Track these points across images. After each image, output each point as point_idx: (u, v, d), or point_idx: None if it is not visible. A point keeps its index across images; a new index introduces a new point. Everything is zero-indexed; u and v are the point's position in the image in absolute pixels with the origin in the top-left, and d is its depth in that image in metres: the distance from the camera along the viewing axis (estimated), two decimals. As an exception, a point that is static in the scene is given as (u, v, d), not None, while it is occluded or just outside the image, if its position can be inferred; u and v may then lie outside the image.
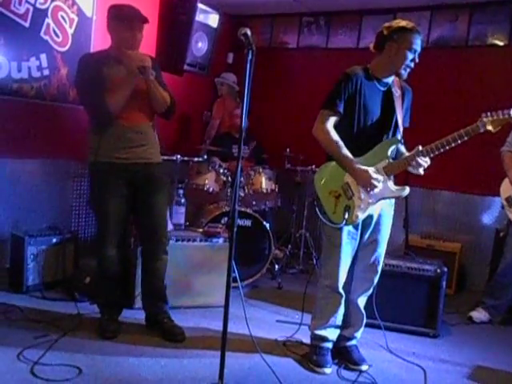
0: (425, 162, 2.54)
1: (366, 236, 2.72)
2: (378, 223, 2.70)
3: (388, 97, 2.66)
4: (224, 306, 2.22)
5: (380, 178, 2.54)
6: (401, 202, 3.55)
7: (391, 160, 2.61)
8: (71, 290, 3.45)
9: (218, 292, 3.22)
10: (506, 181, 3.63)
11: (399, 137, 2.67)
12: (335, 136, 2.57)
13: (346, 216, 2.55)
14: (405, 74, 2.61)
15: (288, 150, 4.70)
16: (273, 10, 5.49)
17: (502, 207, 3.70)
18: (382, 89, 2.66)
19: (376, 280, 2.81)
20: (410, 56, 2.55)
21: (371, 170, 2.55)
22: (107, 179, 2.82)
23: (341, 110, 2.57)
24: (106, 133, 2.79)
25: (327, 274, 2.73)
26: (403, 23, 2.58)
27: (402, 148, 2.72)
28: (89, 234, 4.37)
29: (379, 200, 2.61)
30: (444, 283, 3.31)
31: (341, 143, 2.57)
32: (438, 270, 3.31)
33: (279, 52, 5.64)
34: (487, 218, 4.59)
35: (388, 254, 3.67)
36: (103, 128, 2.79)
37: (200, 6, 4.63)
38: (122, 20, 2.81)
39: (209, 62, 4.97)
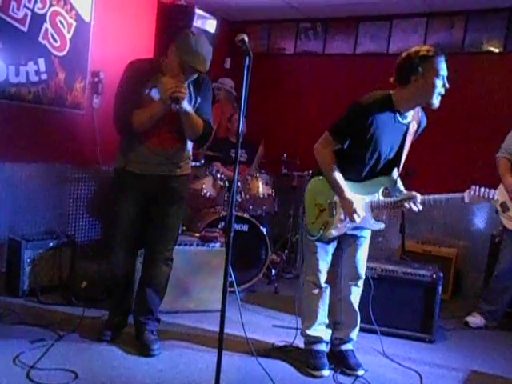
0: (418, 208, 2.61)
1: (349, 232, 2.74)
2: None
3: (404, 133, 2.61)
4: (221, 311, 2.22)
5: (362, 213, 2.62)
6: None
7: (381, 197, 2.69)
8: (68, 295, 3.44)
9: (215, 296, 3.22)
10: (501, 186, 3.65)
11: (396, 174, 2.68)
12: (332, 162, 2.62)
13: (321, 232, 2.69)
14: (437, 103, 2.49)
15: (285, 155, 4.72)
16: (270, 16, 5.52)
17: (496, 212, 3.72)
18: (403, 122, 2.59)
19: (363, 274, 2.84)
20: (440, 83, 2.44)
21: (358, 203, 2.61)
22: (123, 187, 2.80)
23: (344, 143, 2.57)
24: (131, 148, 2.74)
25: (309, 270, 2.82)
26: (423, 51, 2.44)
27: (396, 187, 2.74)
28: (86, 239, 4.37)
29: (355, 228, 2.71)
30: (440, 288, 3.32)
31: (336, 170, 2.60)
32: (434, 276, 3.32)
33: (276, 58, 5.66)
34: (483, 224, 4.62)
35: (384, 259, 3.71)
36: (129, 143, 2.74)
37: (198, 11, 4.67)
38: (180, 58, 2.58)
39: (206, 68, 4.99)
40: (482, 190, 2.62)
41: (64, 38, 3.96)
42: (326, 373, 2.74)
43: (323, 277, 2.80)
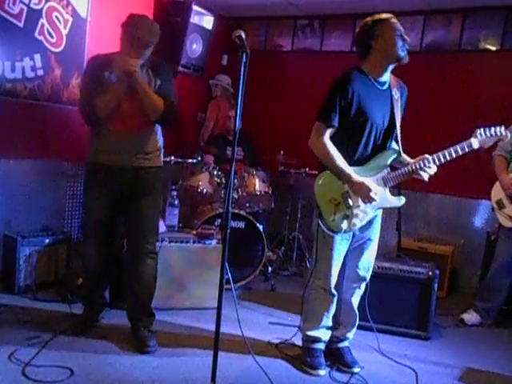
0: (432, 169, 2.59)
1: (359, 234, 2.73)
2: (370, 222, 2.72)
3: (389, 99, 2.63)
4: (217, 308, 2.23)
5: (378, 190, 2.57)
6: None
7: (390, 170, 2.64)
8: (63, 291, 3.43)
9: (211, 293, 3.22)
10: (497, 184, 3.66)
11: (397, 145, 2.68)
12: (332, 149, 2.56)
13: (345, 225, 2.58)
14: (405, 55, 2.55)
15: (282, 152, 4.71)
16: (267, 13, 5.50)
17: (493, 209, 3.73)
18: (382, 88, 2.62)
19: (368, 278, 2.82)
20: (399, 39, 2.54)
21: (369, 182, 2.56)
22: (94, 181, 2.85)
23: (335, 123, 2.55)
24: (99, 137, 2.80)
25: (320, 275, 2.74)
26: (373, 18, 2.60)
27: (402, 157, 2.71)
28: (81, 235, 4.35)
29: (377, 209, 2.65)
30: (436, 286, 3.33)
31: (338, 156, 2.55)
32: (430, 273, 3.33)
33: (273, 55, 5.65)
34: (479, 221, 4.63)
35: (380, 256, 3.70)
36: (97, 132, 2.80)
37: (195, 7, 4.65)
38: (128, 35, 2.70)
39: (203, 64, 4.98)
40: (488, 129, 2.54)
41: (60, 34, 3.93)
42: (323, 372, 2.74)
43: (334, 281, 2.73)
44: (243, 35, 2.15)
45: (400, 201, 2.69)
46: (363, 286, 2.84)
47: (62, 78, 4.00)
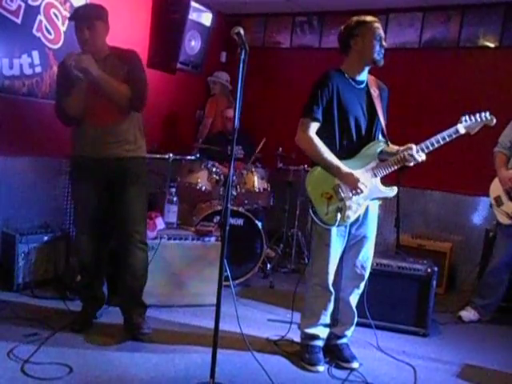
0: (421, 157, 2.60)
1: (354, 232, 2.74)
2: (364, 219, 2.74)
3: (367, 96, 2.70)
4: (216, 305, 2.23)
5: (367, 180, 2.60)
6: (392, 201, 3.57)
7: (379, 161, 2.66)
8: (62, 288, 3.43)
9: (210, 290, 3.21)
10: (496, 181, 3.67)
11: (382, 137, 2.73)
12: (318, 143, 2.61)
13: (338, 217, 2.60)
14: (380, 59, 2.63)
15: (280, 149, 4.71)
16: (266, 10, 5.50)
17: (491, 206, 3.73)
18: (359, 87, 2.69)
19: (366, 277, 2.83)
20: (377, 43, 2.60)
21: (358, 173, 2.59)
22: (79, 173, 2.92)
23: (319, 116, 2.61)
24: (79, 132, 2.88)
25: (317, 272, 2.76)
26: (358, 18, 2.67)
27: (389, 148, 2.74)
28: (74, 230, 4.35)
29: (369, 200, 2.67)
30: (434, 283, 3.34)
31: (325, 149, 2.60)
32: (429, 270, 3.33)
33: (272, 51, 5.64)
34: (477, 218, 4.63)
35: (379, 253, 3.71)
36: (76, 128, 2.89)
37: (193, 4, 4.64)
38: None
39: (202, 61, 4.97)
40: (473, 115, 2.61)
41: (58, 31, 3.92)
42: (321, 368, 2.75)
43: (331, 279, 2.75)
44: (242, 32, 2.15)
45: (392, 191, 2.72)
46: (362, 285, 2.84)
47: (60, 75, 3.98)
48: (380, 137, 2.76)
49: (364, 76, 2.71)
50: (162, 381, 2.47)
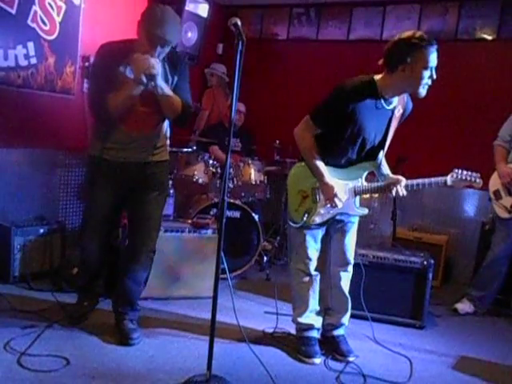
0: (403, 192, 2.60)
1: (339, 217, 2.73)
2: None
3: (389, 118, 2.59)
4: (212, 297, 2.23)
5: (343, 198, 2.61)
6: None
7: (364, 182, 2.68)
8: (58, 281, 3.43)
9: (207, 283, 3.21)
10: (495, 174, 3.66)
11: (380, 158, 2.66)
12: (312, 147, 2.61)
13: (305, 218, 2.66)
14: (423, 92, 2.45)
15: (277, 141, 4.70)
16: (263, 1, 5.46)
17: (490, 200, 3.74)
18: (386, 108, 2.56)
19: (352, 260, 2.84)
20: (427, 74, 2.40)
21: (340, 185, 2.61)
22: (98, 175, 2.72)
23: (324, 126, 2.57)
24: (108, 135, 2.65)
25: (298, 258, 2.80)
26: (415, 38, 2.38)
27: (381, 171, 2.73)
28: (76, 225, 4.33)
29: (338, 213, 2.69)
30: (430, 275, 3.34)
31: (315, 155, 2.59)
32: (425, 262, 3.34)
33: (269, 43, 5.61)
34: (474, 211, 4.64)
35: (375, 246, 3.72)
36: (105, 129, 2.65)
37: (190, -5, 4.61)
38: (146, 31, 2.48)
39: (198, 53, 4.95)
40: (465, 173, 2.63)
41: (53, 22, 3.89)
42: (318, 360, 2.76)
43: (313, 264, 2.79)
44: (239, 23, 2.13)
45: (363, 211, 2.74)
46: (350, 268, 2.86)
47: (56, 67, 3.96)
48: (380, 154, 2.66)
49: (396, 99, 2.57)
50: (159, 373, 2.47)
